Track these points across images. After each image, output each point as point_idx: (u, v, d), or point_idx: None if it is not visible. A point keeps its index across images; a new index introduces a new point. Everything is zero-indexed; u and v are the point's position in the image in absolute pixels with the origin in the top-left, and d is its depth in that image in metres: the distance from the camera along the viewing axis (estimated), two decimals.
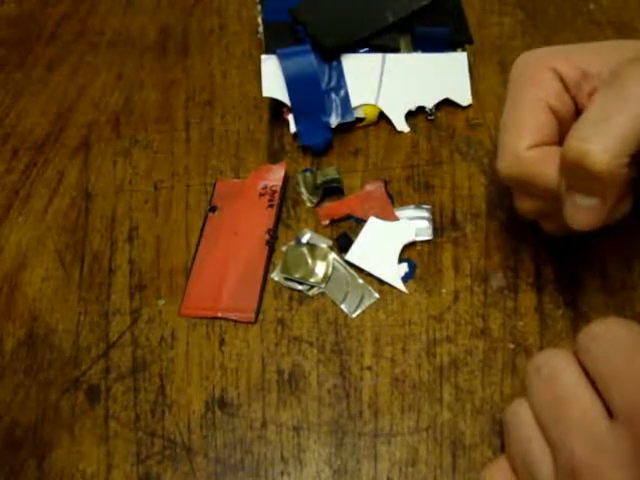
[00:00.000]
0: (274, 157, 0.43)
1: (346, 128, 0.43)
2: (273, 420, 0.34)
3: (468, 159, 0.42)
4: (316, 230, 0.40)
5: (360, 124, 0.43)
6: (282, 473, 0.33)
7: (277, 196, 0.40)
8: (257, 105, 0.45)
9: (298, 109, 0.42)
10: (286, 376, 0.35)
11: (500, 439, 0.33)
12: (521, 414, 0.28)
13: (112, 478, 0.33)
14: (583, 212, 0.30)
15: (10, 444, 0.34)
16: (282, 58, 0.43)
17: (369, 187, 0.41)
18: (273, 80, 0.43)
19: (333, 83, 0.43)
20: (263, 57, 0.44)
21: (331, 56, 0.44)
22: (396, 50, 0.45)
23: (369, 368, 0.35)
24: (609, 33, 0.47)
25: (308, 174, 0.41)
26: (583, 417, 0.25)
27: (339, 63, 0.44)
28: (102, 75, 0.48)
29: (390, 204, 0.40)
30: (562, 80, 0.33)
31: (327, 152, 0.43)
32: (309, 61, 0.43)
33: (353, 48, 0.44)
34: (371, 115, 0.43)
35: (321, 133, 0.42)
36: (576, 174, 0.29)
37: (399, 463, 0.33)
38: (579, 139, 0.29)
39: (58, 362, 0.36)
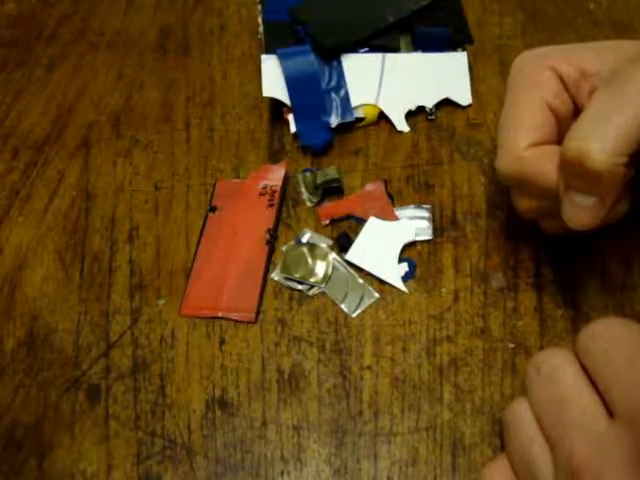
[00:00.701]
0: (274, 157, 0.43)
1: (346, 128, 0.43)
2: (273, 420, 0.34)
3: (468, 159, 0.42)
4: (316, 230, 0.40)
5: (360, 124, 0.43)
6: (282, 473, 0.33)
7: (277, 196, 0.40)
8: (257, 105, 0.45)
9: (298, 109, 0.42)
10: (286, 376, 0.35)
11: (500, 439, 0.33)
12: (521, 414, 0.28)
13: (112, 478, 0.33)
14: (581, 211, 0.30)
15: (10, 444, 0.34)
16: (282, 58, 0.43)
17: (369, 187, 0.41)
18: (273, 80, 0.43)
19: (333, 83, 0.43)
20: (263, 57, 0.44)
21: (331, 56, 0.44)
22: (396, 50, 0.45)
23: (369, 368, 0.35)
24: (609, 33, 0.47)
25: (308, 174, 0.41)
26: (583, 416, 0.25)
27: (339, 63, 0.44)
28: (102, 75, 0.48)
29: (390, 204, 0.40)
30: (561, 79, 0.32)
31: (327, 152, 0.43)
32: (309, 61, 0.43)
33: (353, 48, 0.44)
34: (371, 115, 0.43)
35: (321, 133, 0.42)
36: (575, 173, 0.29)
37: (399, 463, 0.33)
38: (578, 138, 0.29)
39: (58, 362, 0.36)
